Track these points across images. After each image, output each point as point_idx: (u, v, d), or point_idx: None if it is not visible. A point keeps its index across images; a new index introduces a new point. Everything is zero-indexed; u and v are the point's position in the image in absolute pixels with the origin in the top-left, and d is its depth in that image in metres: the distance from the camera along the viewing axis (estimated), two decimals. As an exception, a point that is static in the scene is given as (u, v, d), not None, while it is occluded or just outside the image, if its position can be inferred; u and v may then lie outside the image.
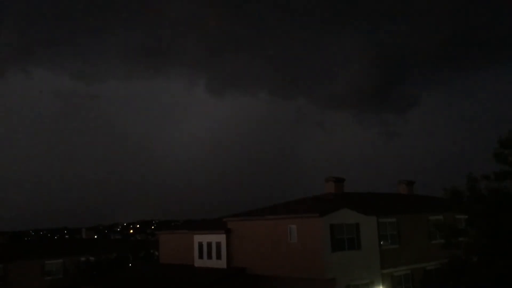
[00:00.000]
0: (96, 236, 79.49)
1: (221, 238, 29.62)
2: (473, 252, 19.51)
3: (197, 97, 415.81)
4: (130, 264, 44.71)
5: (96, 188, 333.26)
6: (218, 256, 29.68)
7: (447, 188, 20.17)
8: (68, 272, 44.82)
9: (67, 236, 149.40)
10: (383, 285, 26.40)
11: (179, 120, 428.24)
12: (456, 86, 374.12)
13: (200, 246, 31.05)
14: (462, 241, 20.45)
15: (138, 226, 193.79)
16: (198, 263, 31.02)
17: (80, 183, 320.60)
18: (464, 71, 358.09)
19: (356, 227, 25.92)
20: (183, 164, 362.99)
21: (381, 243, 27.07)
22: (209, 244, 30.44)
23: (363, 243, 25.97)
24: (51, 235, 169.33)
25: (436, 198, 35.46)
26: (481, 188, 19.48)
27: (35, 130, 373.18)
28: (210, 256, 30.26)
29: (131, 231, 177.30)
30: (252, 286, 27.10)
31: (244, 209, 33.04)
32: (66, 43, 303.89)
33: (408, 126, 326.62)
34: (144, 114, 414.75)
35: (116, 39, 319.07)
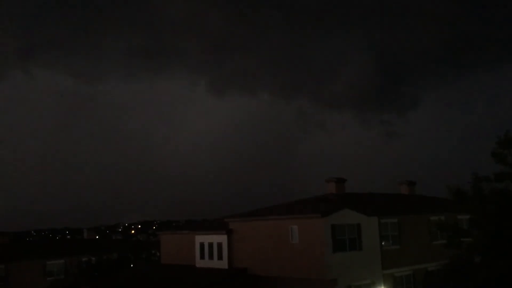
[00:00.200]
0: (97, 237, 79.52)
1: (222, 239, 29.61)
2: (475, 252, 19.51)
3: (198, 97, 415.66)
4: (132, 265, 44.76)
5: (97, 188, 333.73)
6: (220, 257, 29.67)
7: (451, 186, 20.17)
8: (69, 273, 44.87)
9: (68, 237, 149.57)
10: (384, 285, 26.38)
11: (180, 120, 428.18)
12: (457, 86, 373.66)
13: (202, 246, 31.04)
14: (464, 241, 20.46)
15: (139, 226, 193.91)
16: (199, 263, 31.01)
17: (82, 184, 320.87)
18: (465, 71, 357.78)
19: (358, 228, 25.91)
20: (184, 164, 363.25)
21: (382, 243, 27.06)
22: (210, 245, 30.44)
23: (364, 244, 25.96)
24: (53, 235, 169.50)
25: (438, 198, 35.45)
26: (484, 189, 19.50)
27: (37, 131, 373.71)
28: (211, 257, 30.26)
29: (133, 232, 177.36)
30: (254, 286, 27.09)
31: (245, 209, 33.09)
32: (67, 43, 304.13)
33: (409, 127, 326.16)
34: (145, 114, 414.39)
35: (117, 40, 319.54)
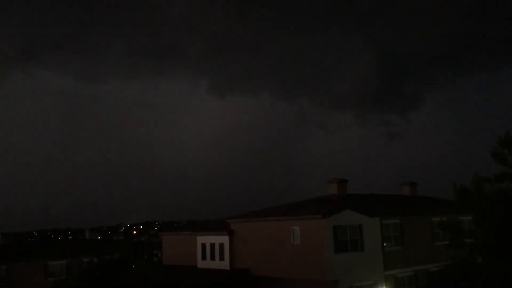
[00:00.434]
0: (99, 237, 79.47)
1: (224, 239, 29.61)
2: (477, 253, 19.46)
3: (199, 98, 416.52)
4: (133, 265, 44.76)
5: (99, 189, 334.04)
6: (221, 257, 29.67)
7: (455, 185, 20.10)
8: (71, 273, 44.90)
9: (70, 237, 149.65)
10: (386, 286, 26.33)
11: (182, 121, 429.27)
12: (459, 87, 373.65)
13: (203, 247, 31.05)
14: (466, 242, 20.41)
15: (141, 227, 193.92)
16: (201, 264, 31.02)
17: (83, 184, 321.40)
18: (466, 72, 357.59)
19: (359, 229, 25.88)
20: (186, 165, 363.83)
21: (384, 244, 27.02)
22: (212, 245, 30.45)
23: (366, 245, 25.93)
24: (55, 236, 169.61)
25: (439, 199, 35.40)
26: (486, 189, 19.45)
27: (38, 131, 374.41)
28: (213, 257, 30.26)
29: (134, 232, 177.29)
30: (255, 287, 27.08)
31: (247, 210, 33.05)
32: (68, 44, 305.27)
33: (411, 127, 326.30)
34: (147, 115, 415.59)
35: (118, 40, 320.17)
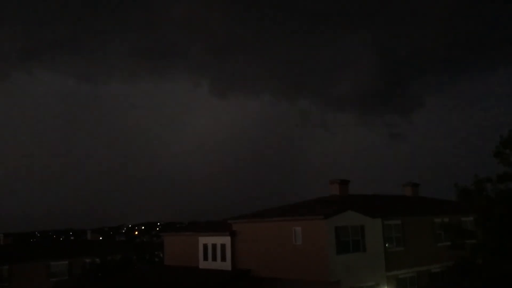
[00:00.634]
0: (101, 238, 79.61)
1: (225, 240, 29.61)
2: (479, 254, 19.44)
3: (201, 98, 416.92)
4: (135, 266, 44.76)
5: (101, 189, 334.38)
6: (223, 258, 29.67)
7: (458, 185, 20.10)
8: (73, 274, 44.95)
9: (72, 238, 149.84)
10: (388, 287, 26.31)
11: (183, 122, 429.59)
12: (461, 88, 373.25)
13: (205, 248, 31.06)
14: (468, 242, 20.39)
15: (143, 227, 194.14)
16: (202, 265, 31.02)
17: (85, 185, 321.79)
18: (468, 73, 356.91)
19: (361, 229, 25.86)
20: (187, 165, 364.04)
21: (386, 245, 26.99)
22: (213, 246, 30.45)
23: (368, 246, 25.91)
24: (57, 236, 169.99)
25: (441, 200, 35.39)
26: (488, 190, 19.45)
27: (40, 132, 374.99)
28: (214, 258, 30.26)
29: (136, 233, 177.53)
30: (257, 288, 27.07)
31: (248, 210, 33.06)
32: (70, 45, 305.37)
33: (413, 128, 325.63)
34: (148, 116, 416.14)
35: (120, 41, 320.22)
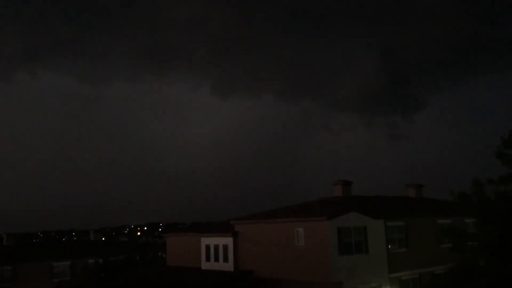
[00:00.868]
0: (103, 238, 79.71)
1: (228, 241, 29.60)
2: (481, 256, 19.40)
3: (202, 99, 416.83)
4: (138, 267, 44.80)
5: (103, 190, 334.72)
6: (225, 259, 29.66)
7: (454, 191, 20.10)
8: (75, 274, 45.02)
9: (75, 238, 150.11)
10: (390, 289, 26.27)
11: (185, 122, 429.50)
12: (463, 88, 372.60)
13: (207, 248, 31.05)
14: (470, 245, 20.33)
15: (145, 228, 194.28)
16: (205, 265, 31.02)
17: (88, 185, 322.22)
18: (471, 74, 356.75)
19: (364, 231, 25.81)
20: (189, 166, 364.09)
21: (389, 246, 26.94)
22: (216, 247, 30.44)
23: (370, 247, 25.87)
24: (59, 237, 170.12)
25: (445, 201, 35.26)
26: (487, 192, 19.40)
27: (42, 132, 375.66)
28: (217, 259, 30.26)
29: (138, 234, 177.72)
30: (259, 289, 27.04)
31: (251, 211, 33.02)
32: (72, 45, 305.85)
33: (415, 129, 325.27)
34: (150, 116, 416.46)
35: (121, 42, 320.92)
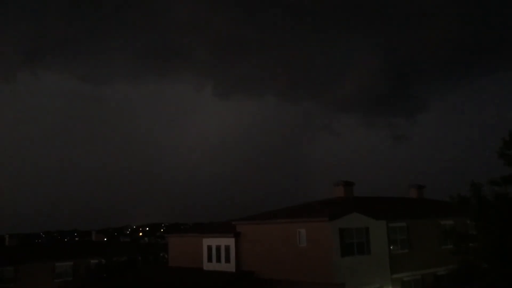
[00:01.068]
0: (106, 239, 79.70)
1: (230, 242, 29.62)
2: (482, 258, 19.37)
3: (204, 100, 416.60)
4: (140, 267, 44.85)
5: (105, 191, 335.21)
6: (227, 260, 29.68)
7: (453, 195, 20.10)
8: (78, 274, 45.08)
9: (77, 239, 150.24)
10: (392, 290, 26.25)
11: (186, 123, 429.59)
12: (466, 90, 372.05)
13: (209, 249, 31.07)
14: (471, 246, 20.30)
15: (147, 229, 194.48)
16: (207, 266, 31.04)
17: (90, 186, 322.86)
18: (473, 76, 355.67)
19: (366, 232, 25.81)
20: (191, 167, 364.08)
21: (391, 247, 26.93)
22: (218, 248, 30.46)
23: (372, 248, 25.86)
24: (61, 237, 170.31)
25: (447, 202, 35.18)
26: (487, 194, 19.37)
27: (44, 132, 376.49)
28: (219, 260, 30.28)
29: (140, 234, 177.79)
30: (261, 290, 27.04)
31: (252, 212, 33.07)
32: (74, 45, 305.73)
33: (417, 130, 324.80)
34: (152, 117, 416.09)
35: (124, 42, 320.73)
